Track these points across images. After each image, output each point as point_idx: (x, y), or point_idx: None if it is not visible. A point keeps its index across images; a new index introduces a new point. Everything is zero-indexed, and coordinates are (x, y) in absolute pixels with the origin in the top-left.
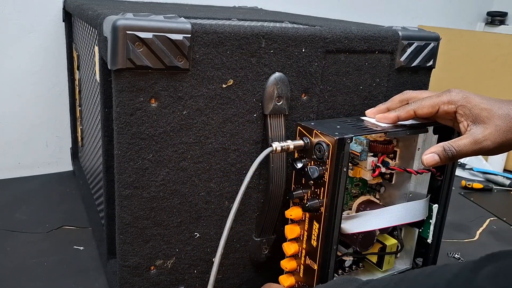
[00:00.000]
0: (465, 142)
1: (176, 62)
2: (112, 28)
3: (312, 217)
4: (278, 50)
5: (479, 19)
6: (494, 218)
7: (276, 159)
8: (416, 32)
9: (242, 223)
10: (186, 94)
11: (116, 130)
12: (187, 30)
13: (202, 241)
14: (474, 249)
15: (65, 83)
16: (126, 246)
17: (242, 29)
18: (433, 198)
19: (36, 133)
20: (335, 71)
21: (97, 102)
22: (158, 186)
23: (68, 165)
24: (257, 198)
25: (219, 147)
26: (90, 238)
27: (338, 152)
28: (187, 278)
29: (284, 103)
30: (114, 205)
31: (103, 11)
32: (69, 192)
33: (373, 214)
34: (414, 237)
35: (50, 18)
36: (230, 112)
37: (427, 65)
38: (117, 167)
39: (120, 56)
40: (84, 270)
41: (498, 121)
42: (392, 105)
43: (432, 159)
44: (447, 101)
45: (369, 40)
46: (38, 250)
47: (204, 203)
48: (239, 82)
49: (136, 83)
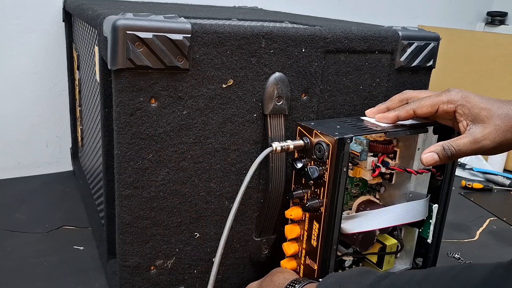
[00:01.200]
0: (464, 141)
1: (176, 62)
2: (112, 28)
3: (312, 217)
4: (278, 50)
5: (479, 19)
6: (494, 218)
7: (275, 158)
8: (416, 32)
9: (242, 223)
10: (186, 94)
11: (116, 130)
12: (187, 30)
13: (202, 241)
14: (474, 249)
15: (65, 83)
16: (126, 246)
17: (242, 29)
18: (433, 198)
19: (36, 133)
20: (335, 71)
21: (97, 102)
22: (158, 186)
23: (68, 165)
24: (257, 198)
25: (219, 147)
26: (90, 238)
27: (338, 152)
28: (187, 278)
29: (284, 103)
30: (114, 205)
31: (103, 11)
32: (69, 192)
33: (373, 214)
34: (414, 237)
35: (50, 18)
36: (230, 112)
37: (427, 65)
38: (117, 167)
39: (120, 56)
40: (84, 270)
41: (498, 121)
42: (392, 104)
43: (431, 158)
44: (446, 101)
45: (369, 40)
46: (38, 250)
47: (204, 203)
48: (239, 82)
49: (136, 83)
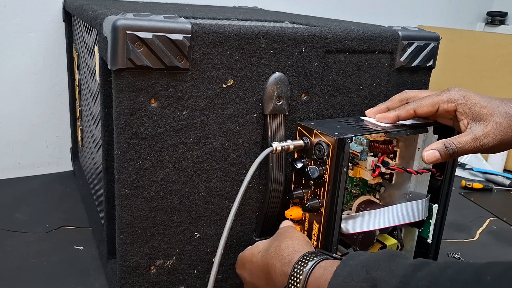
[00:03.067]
0: (465, 139)
1: (176, 62)
2: (112, 28)
3: (312, 217)
4: (278, 50)
5: (479, 19)
6: (494, 218)
7: (275, 158)
8: (416, 32)
9: (242, 223)
10: (186, 94)
11: (116, 130)
12: (187, 30)
13: (202, 241)
14: (474, 249)
15: (65, 83)
16: (126, 246)
17: (242, 29)
18: (433, 198)
19: (36, 133)
20: (335, 71)
21: (97, 102)
22: (158, 186)
23: (68, 165)
24: (257, 198)
25: (219, 147)
26: (90, 238)
27: (338, 152)
28: (187, 278)
29: (284, 103)
30: (114, 205)
31: (103, 11)
32: (69, 192)
33: (373, 214)
34: (414, 237)
35: (50, 18)
36: (230, 112)
37: (427, 65)
38: (117, 167)
39: (120, 56)
40: (84, 270)
41: (498, 119)
42: (392, 104)
43: (432, 155)
44: (447, 100)
45: (369, 40)
46: (38, 250)
47: (204, 203)
48: (239, 82)
49: (136, 83)
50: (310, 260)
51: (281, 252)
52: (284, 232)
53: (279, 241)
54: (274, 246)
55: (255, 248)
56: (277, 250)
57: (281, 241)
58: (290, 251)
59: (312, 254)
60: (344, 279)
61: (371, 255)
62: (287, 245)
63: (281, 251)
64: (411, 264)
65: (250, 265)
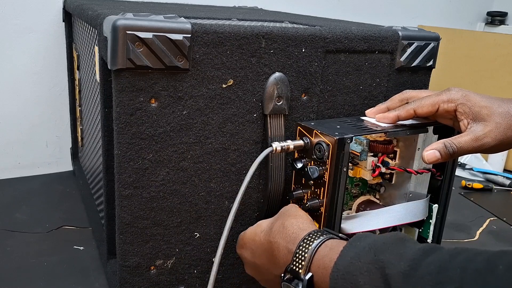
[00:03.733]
0: (466, 139)
1: (176, 62)
2: (112, 28)
3: (312, 217)
4: (278, 50)
5: (479, 19)
6: (494, 218)
7: (275, 158)
8: (416, 32)
9: (242, 223)
10: (186, 94)
11: (116, 130)
12: (187, 30)
13: (202, 241)
14: None
15: (65, 83)
16: (126, 246)
17: (242, 29)
18: (433, 198)
19: (36, 133)
20: (335, 71)
21: (97, 102)
22: (158, 186)
23: (68, 165)
24: (257, 198)
25: (219, 147)
26: (90, 238)
27: (338, 152)
28: (187, 278)
29: (284, 103)
30: (114, 205)
31: (103, 11)
32: (69, 192)
33: (373, 214)
34: (414, 237)
35: (50, 18)
36: (230, 112)
37: (427, 65)
38: (117, 167)
39: (120, 56)
40: (84, 270)
41: (498, 119)
42: (392, 104)
43: (433, 155)
44: (447, 100)
45: (369, 40)
46: (38, 250)
47: (204, 203)
48: (239, 82)
49: (136, 83)
50: (316, 238)
51: (285, 230)
52: (287, 211)
53: (283, 219)
54: (278, 224)
55: (257, 227)
56: (281, 228)
57: (285, 220)
58: (295, 229)
59: (318, 233)
60: (351, 259)
61: (379, 237)
62: (292, 223)
63: (286, 229)
64: (420, 249)
65: (253, 244)
